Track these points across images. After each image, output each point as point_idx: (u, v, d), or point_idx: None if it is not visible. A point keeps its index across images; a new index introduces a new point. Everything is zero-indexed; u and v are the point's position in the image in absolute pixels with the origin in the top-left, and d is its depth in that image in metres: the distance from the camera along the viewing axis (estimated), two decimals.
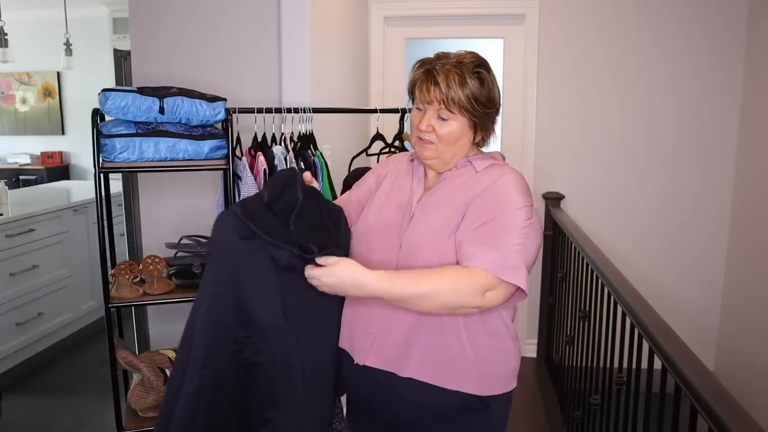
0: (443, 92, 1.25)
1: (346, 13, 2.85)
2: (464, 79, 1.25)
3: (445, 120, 1.28)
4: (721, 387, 1.18)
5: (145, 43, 2.10)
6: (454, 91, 1.25)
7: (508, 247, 1.20)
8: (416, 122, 1.32)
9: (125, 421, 1.80)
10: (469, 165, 1.34)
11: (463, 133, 1.30)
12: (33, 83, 5.99)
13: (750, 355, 3.05)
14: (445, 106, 1.26)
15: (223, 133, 1.80)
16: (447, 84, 1.25)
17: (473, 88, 1.26)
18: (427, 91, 1.27)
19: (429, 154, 1.32)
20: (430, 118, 1.29)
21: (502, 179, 1.27)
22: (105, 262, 1.74)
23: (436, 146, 1.31)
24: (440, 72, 1.26)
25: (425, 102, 1.29)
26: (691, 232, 3.37)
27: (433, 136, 1.29)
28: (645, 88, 3.31)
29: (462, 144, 1.32)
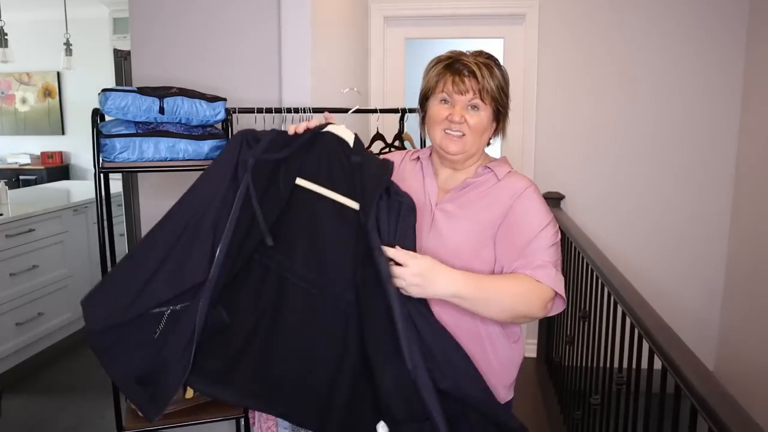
0: (479, 82, 1.28)
1: (346, 13, 2.85)
2: (493, 70, 1.31)
3: (476, 110, 1.31)
4: (721, 387, 1.18)
5: (145, 43, 2.10)
6: (488, 81, 1.29)
7: (551, 261, 1.25)
8: (444, 115, 1.32)
9: (125, 421, 1.79)
10: (490, 172, 1.36)
11: (489, 124, 1.34)
12: (33, 83, 6.00)
13: (750, 355, 3.05)
14: (479, 95, 1.29)
15: (223, 133, 1.80)
16: (482, 74, 1.29)
17: (500, 79, 1.32)
18: (461, 81, 1.29)
19: (457, 148, 1.32)
20: (462, 108, 1.31)
21: (527, 196, 1.30)
22: (105, 262, 1.74)
23: (464, 139, 1.32)
24: (473, 64, 1.29)
25: (459, 92, 1.30)
26: (692, 232, 3.37)
27: (465, 126, 1.31)
28: (645, 88, 3.31)
29: (485, 138, 1.36)
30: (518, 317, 1.25)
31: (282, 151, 1.25)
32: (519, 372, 1.39)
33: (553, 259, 1.26)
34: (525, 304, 1.22)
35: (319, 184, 1.25)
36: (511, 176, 1.35)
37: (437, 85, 1.32)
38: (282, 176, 1.26)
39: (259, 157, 1.23)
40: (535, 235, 1.26)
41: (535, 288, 1.23)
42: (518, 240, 1.26)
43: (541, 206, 1.31)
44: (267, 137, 1.27)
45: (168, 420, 1.81)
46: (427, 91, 1.36)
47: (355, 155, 1.26)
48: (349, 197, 1.24)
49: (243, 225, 1.21)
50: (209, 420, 1.84)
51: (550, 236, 1.27)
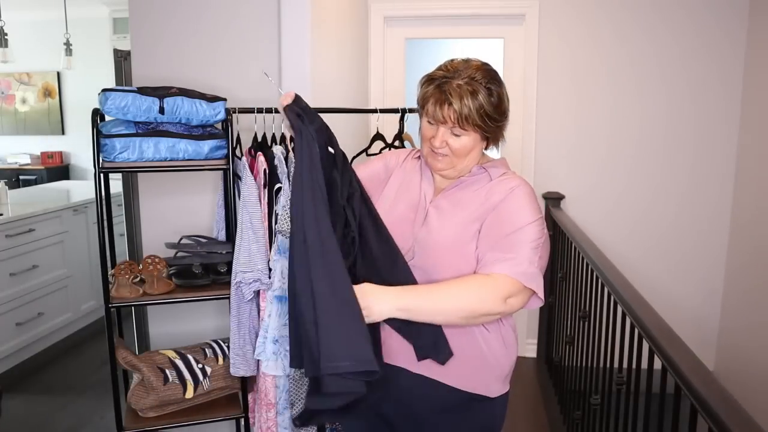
0: (457, 111, 1.26)
1: (346, 13, 2.85)
2: (476, 96, 1.26)
3: (458, 136, 1.31)
4: (721, 387, 1.18)
5: (145, 43, 2.10)
6: (468, 110, 1.26)
7: (526, 256, 1.24)
8: (429, 135, 1.34)
9: (125, 421, 1.79)
10: (484, 172, 1.37)
11: (475, 145, 1.33)
12: (33, 83, 6.00)
13: (750, 356, 3.05)
14: (459, 124, 1.28)
15: (223, 133, 1.80)
16: (461, 103, 1.25)
17: (486, 105, 1.27)
18: (440, 110, 1.27)
19: (442, 166, 1.35)
20: (444, 134, 1.31)
21: (514, 194, 1.30)
22: (105, 262, 1.74)
23: (449, 158, 1.34)
24: (453, 92, 1.25)
25: (438, 121, 1.30)
26: (692, 232, 3.37)
27: (446, 149, 1.32)
28: (645, 88, 3.31)
29: (474, 155, 1.36)
30: (477, 317, 1.23)
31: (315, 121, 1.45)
32: (519, 372, 1.40)
33: (529, 256, 1.23)
34: (479, 301, 1.20)
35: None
36: (505, 176, 1.35)
37: (424, 104, 1.32)
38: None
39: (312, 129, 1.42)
40: (518, 229, 1.25)
41: (487, 283, 1.21)
42: (498, 233, 1.26)
43: (529, 203, 1.30)
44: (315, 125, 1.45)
45: (168, 420, 1.81)
46: (420, 107, 1.37)
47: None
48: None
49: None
50: (209, 420, 1.85)
51: (534, 233, 1.26)
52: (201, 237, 1.99)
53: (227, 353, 1.88)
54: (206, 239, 1.98)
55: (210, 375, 1.85)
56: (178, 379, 1.80)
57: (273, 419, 1.76)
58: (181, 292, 1.83)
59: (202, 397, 1.85)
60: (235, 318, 1.74)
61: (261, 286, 1.68)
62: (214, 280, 1.85)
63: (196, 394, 1.83)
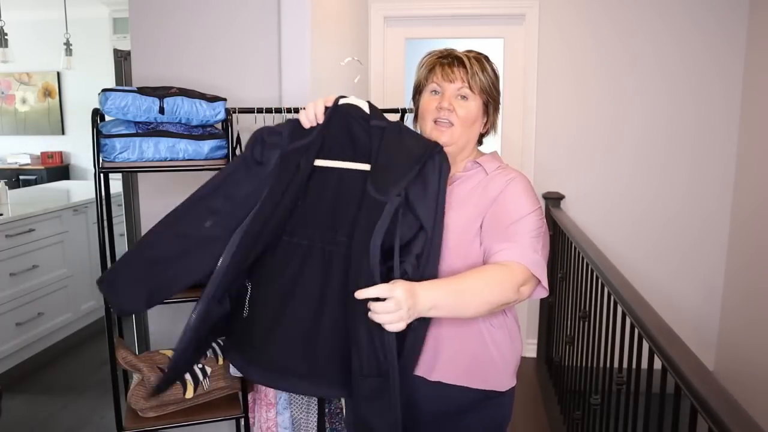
0: (468, 71, 1.32)
1: (346, 13, 2.85)
2: (484, 65, 1.36)
3: (465, 99, 1.33)
4: (721, 387, 1.18)
5: (145, 43, 2.10)
6: (477, 72, 1.33)
7: (530, 244, 1.25)
8: (433, 105, 1.35)
9: (125, 421, 1.79)
10: (479, 167, 1.37)
11: (478, 116, 1.36)
12: (33, 83, 5.99)
13: (750, 356, 3.05)
14: (468, 84, 1.32)
15: (223, 133, 1.80)
16: (470, 64, 1.33)
17: (490, 72, 1.37)
18: (450, 70, 1.33)
19: (447, 138, 1.34)
20: (451, 97, 1.33)
21: (512, 185, 1.31)
22: (105, 262, 1.74)
23: (453, 129, 1.34)
24: (462, 55, 1.35)
25: (449, 80, 1.33)
26: (692, 233, 3.37)
27: (453, 116, 1.33)
28: (645, 87, 3.31)
29: (475, 130, 1.37)
30: (496, 307, 1.23)
31: (306, 137, 1.28)
32: (519, 372, 1.41)
33: (533, 244, 1.25)
34: (500, 293, 1.20)
35: (341, 160, 1.29)
36: (500, 170, 1.36)
37: (428, 77, 1.36)
38: (302, 162, 1.29)
39: (286, 149, 1.27)
40: (519, 219, 1.26)
41: (504, 273, 1.21)
42: (499, 224, 1.27)
43: (527, 194, 1.31)
44: (287, 128, 1.31)
45: (168, 420, 1.81)
46: (418, 84, 1.40)
47: (373, 119, 1.29)
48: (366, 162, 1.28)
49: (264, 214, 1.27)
50: (209, 420, 1.84)
51: (534, 222, 1.27)
52: None
53: None
54: None
55: (210, 375, 1.85)
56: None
57: (273, 419, 1.76)
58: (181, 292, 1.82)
59: (202, 397, 1.85)
60: None
61: None
62: None
63: (196, 394, 1.83)
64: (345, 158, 1.28)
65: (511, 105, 3.45)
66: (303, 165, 1.28)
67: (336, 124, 1.29)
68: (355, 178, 1.27)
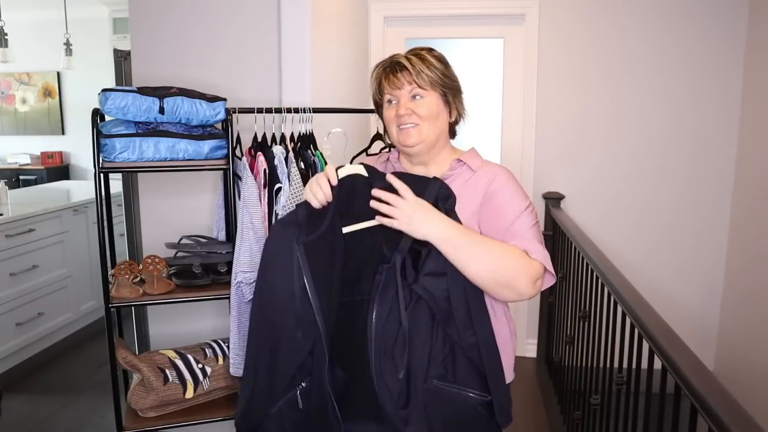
0: (411, 72, 1.32)
1: (346, 13, 2.85)
2: (424, 57, 1.34)
3: (420, 98, 1.34)
4: (721, 387, 1.18)
5: (145, 43, 2.10)
6: (421, 69, 1.32)
7: (535, 238, 1.27)
8: (392, 114, 1.36)
9: (125, 421, 1.79)
10: (463, 165, 1.38)
11: (440, 108, 1.36)
12: (33, 83, 5.99)
13: (750, 355, 3.05)
14: (416, 84, 1.33)
15: (223, 133, 1.80)
16: (412, 64, 1.32)
17: (434, 62, 1.34)
18: (395, 77, 1.33)
19: (414, 139, 1.34)
20: (406, 101, 1.34)
21: (501, 184, 1.32)
22: (105, 262, 1.74)
23: (419, 128, 1.34)
24: (402, 58, 1.34)
25: (396, 88, 1.34)
26: (692, 232, 3.37)
27: (414, 117, 1.33)
28: (645, 87, 3.31)
29: (442, 122, 1.37)
30: (503, 284, 1.21)
31: (321, 225, 1.27)
32: (519, 372, 1.41)
33: (537, 237, 1.27)
34: (511, 270, 1.20)
35: (358, 221, 1.29)
36: (484, 166, 1.37)
37: (380, 90, 1.38)
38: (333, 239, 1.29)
39: (305, 242, 1.26)
40: (516, 217, 1.27)
41: (524, 259, 1.22)
42: (503, 223, 1.28)
43: (517, 189, 1.33)
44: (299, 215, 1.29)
45: (168, 420, 1.81)
46: (375, 99, 1.42)
47: (375, 182, 1.28)
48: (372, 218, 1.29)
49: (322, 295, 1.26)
50: (209, 420, 1.85)
51: (532, 216, 1.30)
52: (201, 237, 1.99)
53: (227, 353, 1.88)
54: (206, 239, 1.99)
55: (210, 375, 1.85)
56: (178, 379, 1.80)
57: None
58: (181, 292, 1.83)
59: (202, 397, 1.85)
60: (235, 318, 1.74)
61: None
62: (214, 280, 1.85)
63: (196, 394, 1.83)
64: (361, 219, 1.29)
65: (511, 105, 3.45)
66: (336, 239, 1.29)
67: (345, 195, 1.29)
68: (372, 232, 1.29)
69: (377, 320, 1.21)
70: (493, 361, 1.25)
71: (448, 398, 1.25)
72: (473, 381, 1.26)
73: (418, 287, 1.21)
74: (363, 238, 1.29)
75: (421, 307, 1.23)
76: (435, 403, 1.24)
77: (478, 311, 1.25)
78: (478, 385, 1.26)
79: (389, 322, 1.22)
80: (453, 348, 1.25)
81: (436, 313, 1.23)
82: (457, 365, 1.25)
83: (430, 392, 1.23)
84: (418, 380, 1.22)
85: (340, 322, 1.30)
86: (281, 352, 1.29)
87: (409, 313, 1.22)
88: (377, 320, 1.21)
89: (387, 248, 1.24)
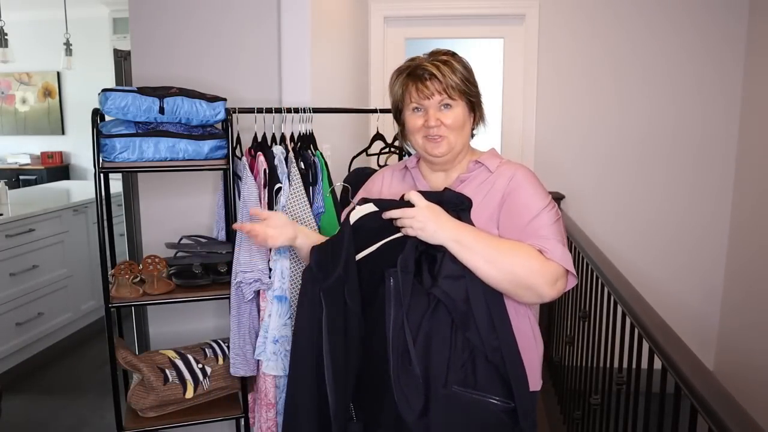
0: (441, 81, 1.29)
1: (346, 13, 2.85)
2: (452, 65, 1.32)
3: (449, 107, 1.32)
4: (721, 387, 1.18)
5: (145, 43, 2.10)
6: (450, 78, 1.30)
7: (555, 236, 1.24)
8: (419, 123, 1.33)
9: (125, 421, 1.79)
10: (482, 166, 1.36)
11: (466, 118, 1.35)
12: (33, 83, 5.99)
13: (750, 355, 3.05)
14: (447, 94, 1.30)
15: (223, 133, 1.80)
16: (442, 73, 1.29)
17: (460, 69, 1.33)
18: (423, 86, 1.30)
19: (443, 150, 1.33)
20: (435, 111, 1.32)
21: (521, 182, 1.30)
22: (105, 262, 1.74)
23: (447, 138, 1.32)
24: (428, 67, 1.30)
25: (425, 98, 1.31)
26: (692, 232, 3.37)
27: (442, 129, 1.32)
28: (645, 88, 3.31)
29: (466, 131, 1.36)
30: (517, 284, 1.20)
31: (337, 268, 1.27)
32: None
33: (557, 237, 1.24)
34: (523, 269, 1.19)
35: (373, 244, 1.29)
36: (503, 165, 1.36)
37: (404, 97, 1.34)
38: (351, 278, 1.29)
39: (324, 287, 1.27)
40: (536, 215, 1.25)
41: (537, 259, 1.20)
42: (520, 222, 1.26)
43: (537, 187, 1.31)
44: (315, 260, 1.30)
45: (168, 420, 1.81)
46: (397, 104, 1.38)
47: (384, 210, 1.28)
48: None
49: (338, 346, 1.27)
50: (209, 420, 1.85)
51: (552, 214, 1.27)
52: (201, 237, 1.99)
53: (227, 353, 1.88)
54: (206, 239, 1.98)
55: (210, 375, 1.85)
56: (178, 379, 1.80)
57: (273, 419, 1.76)
58: (181, 292, 1.83)
59: (202, 397, 1.85)
60: (235, 318, 1.74)
61: (261, 286, 1.68)
62: (214, 280, 1.85)
63: (196, 394, 1.83)
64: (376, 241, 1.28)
65: (511, 105, 3.45)
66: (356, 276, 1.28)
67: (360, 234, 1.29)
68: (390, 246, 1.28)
69: (394, 325, 1.19)
70: (516, 366, 1.23)
71: (469, 404, 1.21)
72: (495, 387, 1.23)
73: (438, 291, 1.20)
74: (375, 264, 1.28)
75: (440, 311, 1.21)
76: (456, 409, 1.21)
77: (500, 314, 1.23)
78: (501, 392, 1.23)
79: (405, 327, 1.21)
80: (473, 353, 1.22)
81: (455, 317, 1.21)
82: (478, 371, 1.23)
83: (451, 398, 1.20)
84: (438, 386, 1.20)
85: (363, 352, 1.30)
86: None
87: (428, 317, 1.21)
88: (394, 325, 1.19)
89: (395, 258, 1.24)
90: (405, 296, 1.20)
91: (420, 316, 1.21)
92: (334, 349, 1.26)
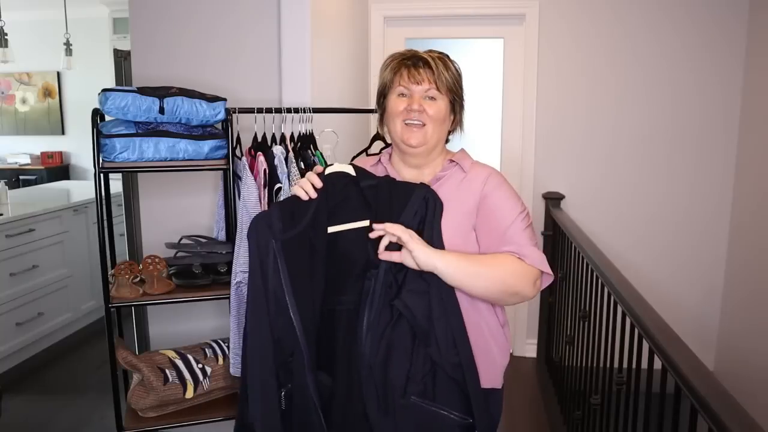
0: (434, 72, 1.33)
1: (346, 13, 2.85)
2: (447, 64, 1.36)
3: (433, 99, 1.34)
4: (721, 387, 1.18)
5: (145, 43, 2.10)
6: (443, 72, 1.34)
7: (530, 243, 1.29)
8: (402, 107, 1.35)
9: (125, 421, 1.79)
10: (456, 165, 1.39)
11: (446, 115, 1.37)
12: (33, 83, 5.99)
13: (750, 355, 3.05)
14: (435, 85, 1.33)
15: (223, 133, 1.80)
16: (436, 65, 1.33)
17: (454, 72, 1.37)
18: (416, 72, 1.33)
19: (418, 140, 1.34)
20: (420, 98, 1.34)
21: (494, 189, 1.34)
22: (105, 262, 1.74)
23: (425, 129, 1.34)
24: (428, 56, 1.35)
25: (416, 83, 1.33)
26: (692, 232, 3.37)
27: (424, 116, 1.34)
28: (645, 88, 3.31)
29: (444, 128, 1.39)
30: (510, 292, 1.25)
31: (300, 223, 1.26)
32: (519, 372, 1.41)
33: (532, 241, 1.30)
34: (515, 277, 1.24)
35: (345, 222, 1.28)
36: (475, 167, 1.39)
37: (394, 80, 1.36)
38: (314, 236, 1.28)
39: (282, 238, 1.24)
40: (512, 222, 1.30)
41: (520, 265, 1.25)
42: (498, 228, 1.30)
43: (510, 190, 1.35)
44: (275, 213, 1.26)
45: (168, 420, 1.81)
46: (383, 87, 1.40)
47: (362, 181, 1.29)
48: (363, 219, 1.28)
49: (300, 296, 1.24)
50: (209, 420, 1.85)
51: (526, 219, 1.32)
52: (201, 237, 1.99)
53: (227, 353, 1.88)
54: (206, 239, 1.99)
55: (210, 375, 1.85)
56: (178, 379, 1.80)
57: None
58: (181, 292, 1.83)
59: (202, 397, 1.85)
60: (235, 318, 1.74)
61: None
62: (214, 280, 1.85)
63: (196, 394, 1.83)
64: (348, 220, 1.28)
65: (511, 105, 3.45)
66: (317, 238, 1.27)
67: (331, 192, 1.28)
68: (359, 234, 1.27)
69: (368, 327, 1.20)
70: (476, 383, 1.25)
71: (427, 417, 1.24)
72: (455, 402, 1.25)
73: (400, 304, 1.21)
74: (348, 242, 1.27)
75: (402, 324, 1.22)
76: (413, 420, 1.23)
77: (459, 331, 1.25)
78: (460, 407, 1.25)
79: (378, 329, 1.21)
80: (434, 367, 1.24)
81: (417, 332, 1.22)
82: (438, 384, 1.24)
83: (408, 408, 1.23)
84: (397, 395, 1.22)
85: (322, 328, 1.28)
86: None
87: (391, 328, 1.22)
88: (368, 327, 1.20)
89: (374, 252, 1.24)
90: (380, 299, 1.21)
91: (383, 326, 1.22)
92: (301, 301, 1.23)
